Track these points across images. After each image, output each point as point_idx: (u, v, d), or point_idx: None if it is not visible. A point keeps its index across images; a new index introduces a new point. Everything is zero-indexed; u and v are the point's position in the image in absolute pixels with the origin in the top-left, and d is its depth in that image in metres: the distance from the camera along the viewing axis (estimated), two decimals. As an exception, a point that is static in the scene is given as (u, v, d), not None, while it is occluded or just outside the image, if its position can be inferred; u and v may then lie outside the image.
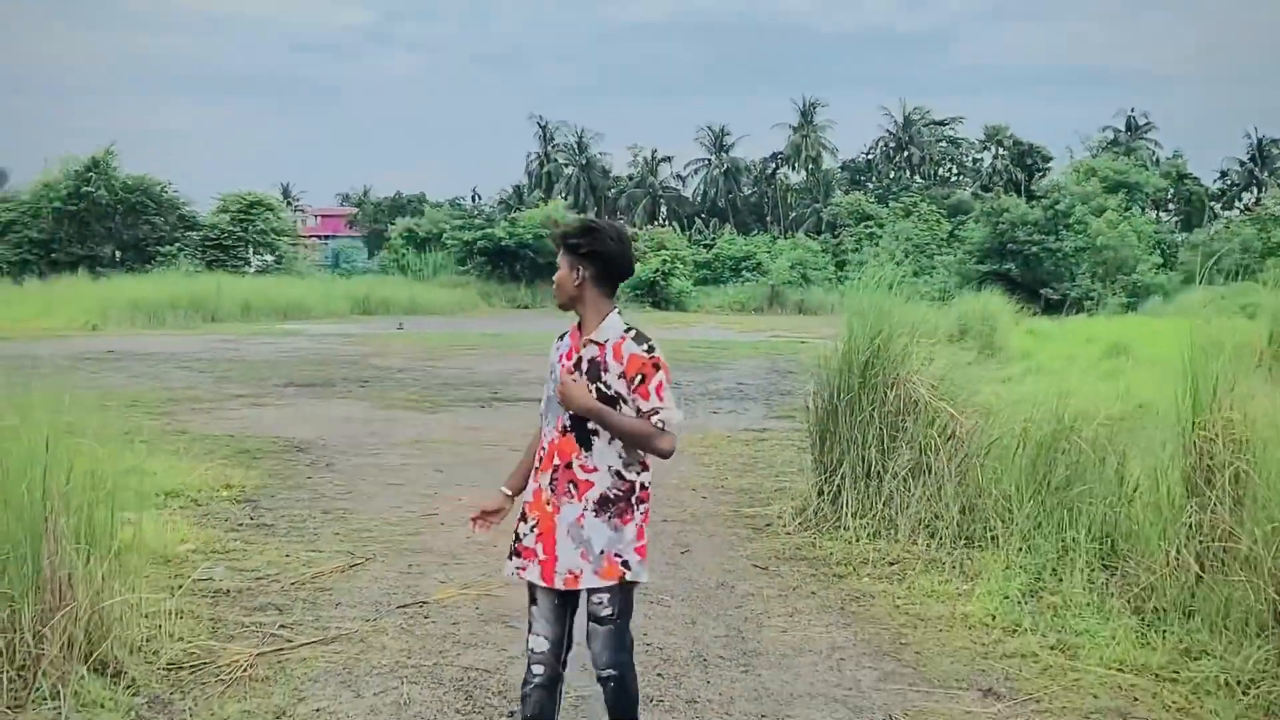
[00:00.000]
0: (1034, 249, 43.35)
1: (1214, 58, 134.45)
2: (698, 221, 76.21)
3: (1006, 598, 5.48)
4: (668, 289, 46.22)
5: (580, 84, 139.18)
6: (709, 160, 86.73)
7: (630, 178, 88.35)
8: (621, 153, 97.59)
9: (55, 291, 31.76)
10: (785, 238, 62.14)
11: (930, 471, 6.88)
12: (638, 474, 3.50)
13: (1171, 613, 4.96)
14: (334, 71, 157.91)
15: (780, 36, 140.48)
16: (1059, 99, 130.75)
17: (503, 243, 47.83)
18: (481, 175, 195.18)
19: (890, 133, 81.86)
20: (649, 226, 67.52)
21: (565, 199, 66.63)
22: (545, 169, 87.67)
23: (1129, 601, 5.19)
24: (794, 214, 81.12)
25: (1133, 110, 78.40)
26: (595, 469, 3.46)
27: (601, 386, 3.43)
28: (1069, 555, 5.99)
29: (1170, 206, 70.63)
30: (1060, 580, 5.67)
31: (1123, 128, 78.11)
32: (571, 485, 3.47)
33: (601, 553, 3.43)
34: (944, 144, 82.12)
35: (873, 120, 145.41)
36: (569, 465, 3.48)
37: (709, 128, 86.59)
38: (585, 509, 3.44)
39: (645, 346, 3.46)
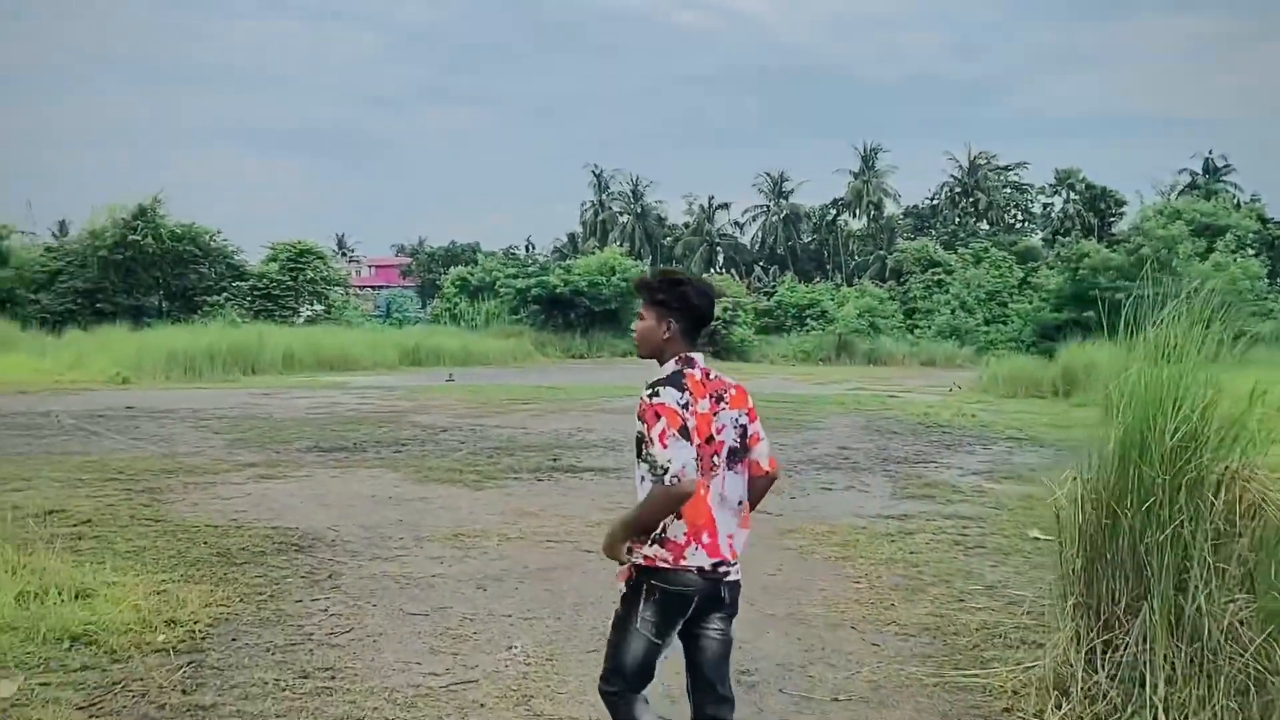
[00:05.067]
0: (1117, 295, 40.29)
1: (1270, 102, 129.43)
2: (756, 269, 73.64)
3: None
4: (729, 337, 43.95)
5: (632, 135, 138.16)
6: (767, 207, 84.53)
7: (686, 225, 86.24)
8: (677, 201, 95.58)
9: (91, 342, 29.80)
10: (848, 285, 59.55)
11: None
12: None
13: None
14: (393, 126, 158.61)
15: (829, 87, 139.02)
16: (1114, 145, 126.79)
17: (557, 290, 45.89)
18: (537, 226, 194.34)
19: (955, 178, 79.20)
20: (706, 274, 65.20)
21: (620, 246, 64.43)
22: (600, 217, 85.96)
23: None
24: (855, 261, 78.49)
25: (1210, 152, 74.57)
26: None
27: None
28: None
29: (1250, 250, 66.63)
30: None
31: (1200, 170, 74.38)
32: None
33: None
34: (1009, 189, 79.16)
35: (930, 168, 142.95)
36: None
37: (767, 174, 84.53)
38: None
39: (649, 391, 3.15)
